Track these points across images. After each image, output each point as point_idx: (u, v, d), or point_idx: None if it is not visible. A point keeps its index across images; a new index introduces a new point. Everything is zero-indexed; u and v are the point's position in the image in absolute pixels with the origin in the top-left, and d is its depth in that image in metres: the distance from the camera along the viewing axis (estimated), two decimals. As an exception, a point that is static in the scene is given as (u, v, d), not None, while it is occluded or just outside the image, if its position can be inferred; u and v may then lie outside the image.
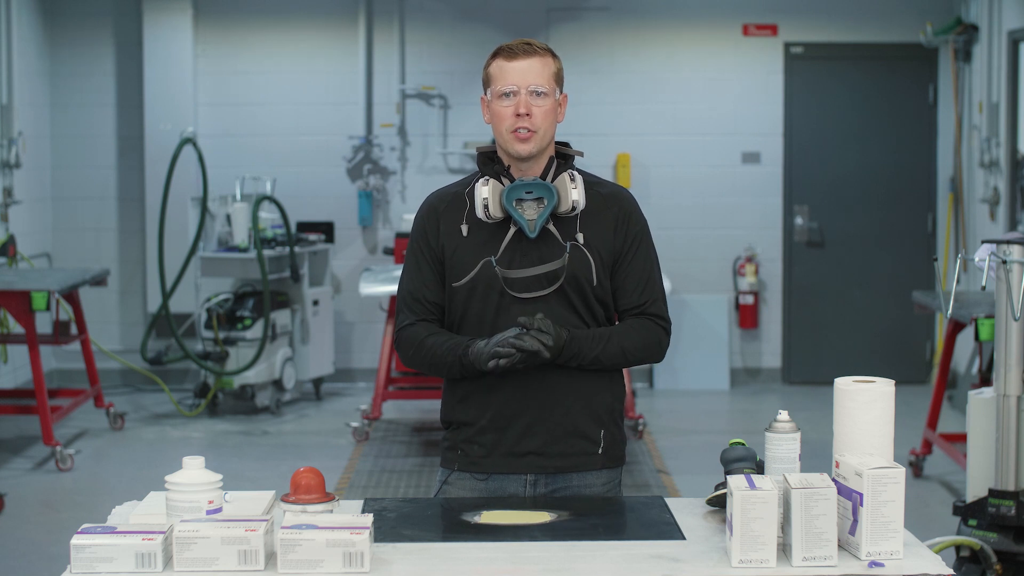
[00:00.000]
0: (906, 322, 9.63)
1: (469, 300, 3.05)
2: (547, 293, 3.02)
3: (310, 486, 2.65)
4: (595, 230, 3.06)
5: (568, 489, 3.07)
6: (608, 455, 3.10)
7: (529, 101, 3.00)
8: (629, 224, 3.09)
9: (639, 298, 3.09)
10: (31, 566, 5.59)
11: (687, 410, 8.96)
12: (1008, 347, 4.36)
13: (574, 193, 3.01)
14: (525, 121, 3.00)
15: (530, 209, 2.99)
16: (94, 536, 2.45)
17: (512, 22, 9.52)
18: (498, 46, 3.08)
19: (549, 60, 3.05)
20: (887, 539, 2.48)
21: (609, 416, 3.11)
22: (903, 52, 9.61)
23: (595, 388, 3.07)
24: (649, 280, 3.10)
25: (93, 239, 9.60)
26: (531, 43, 3.04)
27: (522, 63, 3.01)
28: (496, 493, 3.06)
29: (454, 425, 3.13)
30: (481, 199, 3.01)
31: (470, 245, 3.05)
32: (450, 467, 3.13)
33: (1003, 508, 4.37)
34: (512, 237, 3.03)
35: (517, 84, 3.01)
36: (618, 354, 3.04)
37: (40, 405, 7.17)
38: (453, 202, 3.11)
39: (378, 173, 9.58)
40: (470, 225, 3.06)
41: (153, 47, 9.35)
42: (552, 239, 3.03)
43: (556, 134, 3.10)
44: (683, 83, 9.61)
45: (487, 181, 3.03)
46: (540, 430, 3.05)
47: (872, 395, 2.63)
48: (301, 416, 8.68)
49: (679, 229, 9.64)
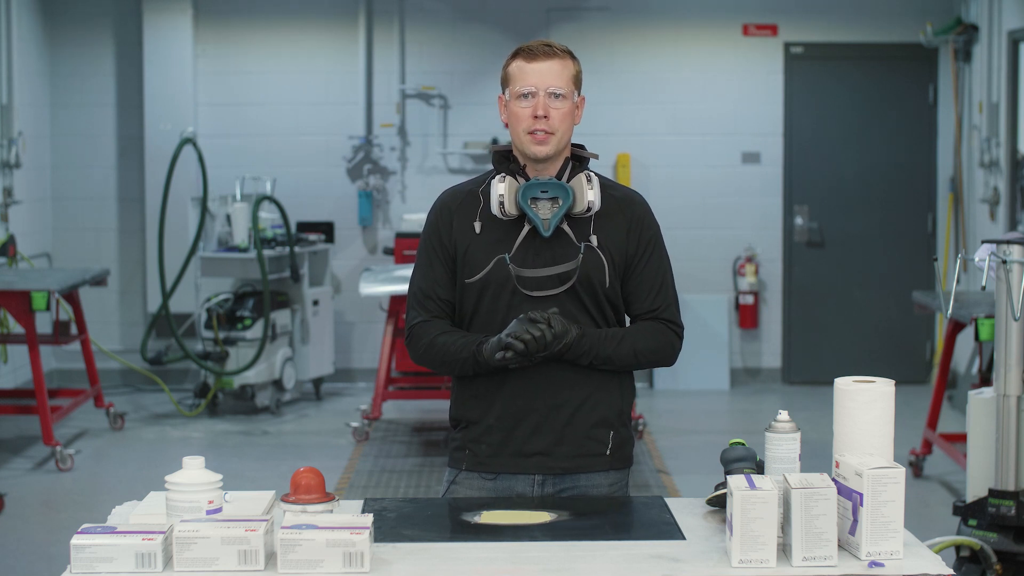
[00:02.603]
0: (906, 322, 9.63)
1: (481, 297, 3.05)
2: (559, 292, 3.02)
3: (310, 486, 2.65)
4: (608, 232, 3.05)
5: (575, 489, 3.07)
6: (616, 456, 3.10)
7: (547, 103, 3.00)
8: (643, 229, 3.09)
9: (652, 303, 3.09)
10: (31, 566, 5.59)
11: (687, 410, 8.96)
12: (1008, 347, 4.36)
13: (590, 194, 3.01)
14: (543, 123, 3.00)
15: (544, 208, 2.99)
16: (94, 536, 2.45)
17: (512, 22, 9.52)
18: (518, 46, 3.09)
19: (569, 62, 3.05)
20: (887, 539, 2.48)
21: (618, 418, 3.10)
22: (903, 52, 9.61)
23: (604, 389, 3.07)
24: (663, 285, 3.10)
25: (93, 239, 9.60)
26: (551, 44, 3.04)
27: (542, 65, 3.01)
28: (504, 493, 3.06)
29: (462, 423, 3.12)
30: (497, 195, 3.01)
31: (483, 242, 3.05)
32: (458, 467, 3.13)
33: (1003, 508, 4.37)
34: (526, 236, 3.03)
35: (536, 85, 3.01)
36: (630, 355, 3.04)
37: (40, 405, 7.17)
38: (467, 200, 3.11)
39: (378, 173, 9.58)
40: (484, 222, 3.06)
41: (153, 47, 9.35)
42: (566, 239, 3.03)
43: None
44: (683, 83, 9.62)
45: (504, 178, 3.03)
46: (548, 430, 3.04)
47: (872, 395, 2.63)
48: (301, 416, 8.68)
49: (679, 229, 9.63)
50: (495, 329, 3.01)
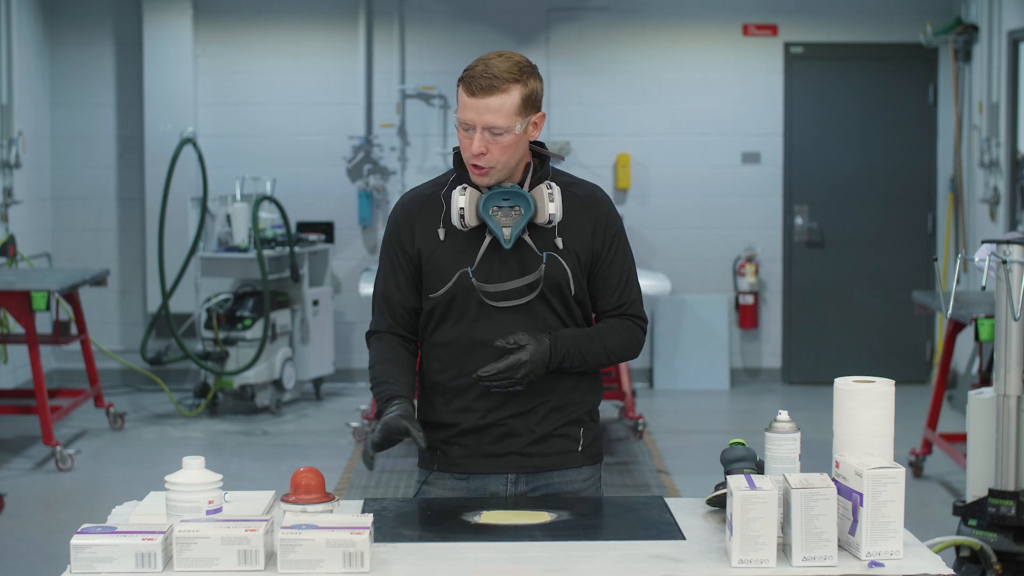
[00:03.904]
0: (906, 322, 9.63)
1: (448, 308, 3.03)
2: (525, 302, 3.00)
3: (310, 486, 2.65)
4: (573, 233, 3.03)
5: (549, 487, 3.07)
6: (587, 453, 3.11)
7: (486, 139, 2.91)
8: (607, 226, 3.07)
9: (619, 299, 3.09)
10: (31, 566, 5.59)
11: (687, 410, 8.96)
12: (1008, 347, 4.36)
13: (551, 207, 2.97)
14: (481, 159, 2.93)
15: (506, 216, 2.96)
16: (94, 536, 2.45)
17: (512, 22, 9.52)
18: (469, 67, 2.97)
19: (515, 91, 2.91)
20: (887, 539, 2.48)
21: (588, 415, 3.12)
22: (903, 52, 9.61)
23: (574, 388, 3.08)
24: (628, 281, 3.10)
25: (93, 239, 9.60)
26: (495, 76, 2.90)
27: (480, 102, 2.90)
28: (477, 493, 3.06)
29: (431, 426, 3.11)
30: (457, 208, 2.96)
31: (447, 251, 3.02)
32: (428, 467, 3.13)
33: (1003, 508, 4.37)
34: (489, 245, 3.00)
35: (473, 121, 2.91)
36: (601, 355, 3.06)
37: (40, 405, 7.17)
38: (428, 204, 3.07)
39: (378, 173, 9.58)
40: (447, 228, 3.02)
41: (153, 47, 9.34)
42: (529, 247, 3.00)
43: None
44: (683, 83, 9.62)
45: (464, 189, 2.97)
46: (522, 430, 3.04)
47: (872, 395, 2.63)
48: (301, 416, 8.68)
49: (679, 229, 9.64)
50: (463, 338, 3.01)
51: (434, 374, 3.08)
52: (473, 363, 2.99)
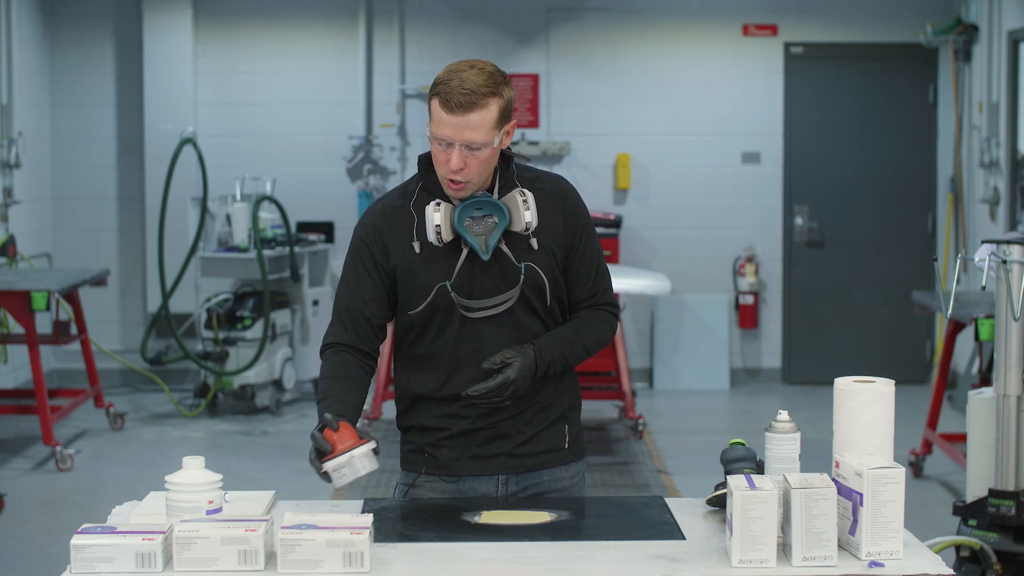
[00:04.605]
0: (906, 322, 9.63)
1: (428, 322, 3.01)
2: (504, 309, 2.99)
3: (343, 436, 2.77)
4: (545, 230, 3.01)
5: (539, 485, 3.08)
6: (573, 449, 3.13)
7: (464, 155, 2.87)
8: (577, 217, 3.06)
9: (591, 288, 3.09)
10: (31, 566, 5.59)
11: (687, 410, 8.96)
12: (1008, 347, 4.36)
13: (527, 215, 2.94)
14: (459, 175, 2.90)
15: (480, 226, 2.93)
16: (94, 536, 2.45)
17: (512, 22, 9.52)
18: (441, 80, 2.87)
19: (492, 105, 2.86)
20: (887, 539, 2.48)
21: (571, 411, 3.14)
22: (903, 52, 9.61)
23: (557, 387, 3.09)
24: (599, 269, 3.10)
25: (93, 239, 9.60)
26: (472, 91, 2.83)
27: (459, 119, 2.83)
28: (467, 494, 3.06)
29: (417, 430, 3.09)
30: (433, 226, 2.92)
31: (424, 264, 2.98)
32: (416, 470, 3.09)
33: (1003, 508, 4.37)
34: (466, 257, 2.97)
35: (451, 138, 2.85)
36: (581, 352, 3.07)
37: (40, 405, 7.17)
38: (398, 217, 3.02)
39: (378, 173, 9.58)
40: (421, 241, 2.99)
41: (153, 47, 9.34)
42: (506, 257, 2.98)
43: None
44: (683, 83, 9.61)
45: (439, 206, 2.93)
46: (511, 432, 3.05)
47: (872, 395, 2.63)
48: (301, 416, 8.68)
49: (679, 229, 9.64)
50: (445, 350, 3.00)
51: (417, 386, 3.06)
52: (458, 376, 2.99)
